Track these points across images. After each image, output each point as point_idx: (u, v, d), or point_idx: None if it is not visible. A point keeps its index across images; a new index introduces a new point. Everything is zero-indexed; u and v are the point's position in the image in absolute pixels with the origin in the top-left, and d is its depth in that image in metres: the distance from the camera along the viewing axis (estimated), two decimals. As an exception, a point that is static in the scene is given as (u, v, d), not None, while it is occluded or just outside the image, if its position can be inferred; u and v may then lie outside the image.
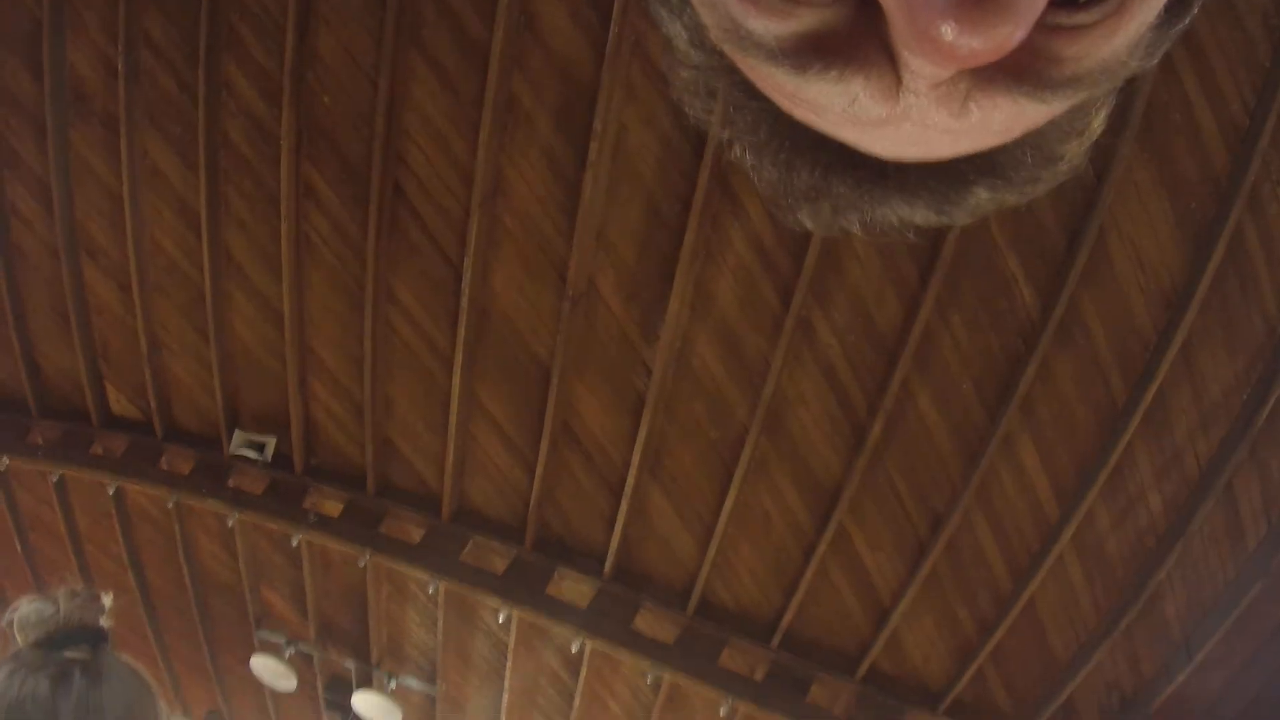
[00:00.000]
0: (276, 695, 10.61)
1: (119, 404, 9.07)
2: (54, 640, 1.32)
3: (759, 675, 8.06)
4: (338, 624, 9.91)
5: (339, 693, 10.12)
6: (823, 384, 6.53)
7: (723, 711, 8.07)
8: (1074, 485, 6.32)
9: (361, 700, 9.69)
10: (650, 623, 8.14)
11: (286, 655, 9.87)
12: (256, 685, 10.48)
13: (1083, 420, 6.10)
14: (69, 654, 1.32)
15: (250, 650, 9.97)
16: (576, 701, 9.21)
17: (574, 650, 8.31)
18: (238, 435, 8.49)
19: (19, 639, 1.33)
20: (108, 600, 1.47)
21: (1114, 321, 5.67)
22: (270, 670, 9.90)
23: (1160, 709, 7.32)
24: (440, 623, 9.21)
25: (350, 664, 9.99)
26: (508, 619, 8.49)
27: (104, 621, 1.44)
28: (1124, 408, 5.87)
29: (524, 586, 8.27)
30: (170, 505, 8.88)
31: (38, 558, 10.58)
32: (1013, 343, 5.92)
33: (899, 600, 7.32)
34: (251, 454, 8.47)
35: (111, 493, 9.09)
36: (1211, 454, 5.93)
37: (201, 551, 9.82)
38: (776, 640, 7.97)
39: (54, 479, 9.18)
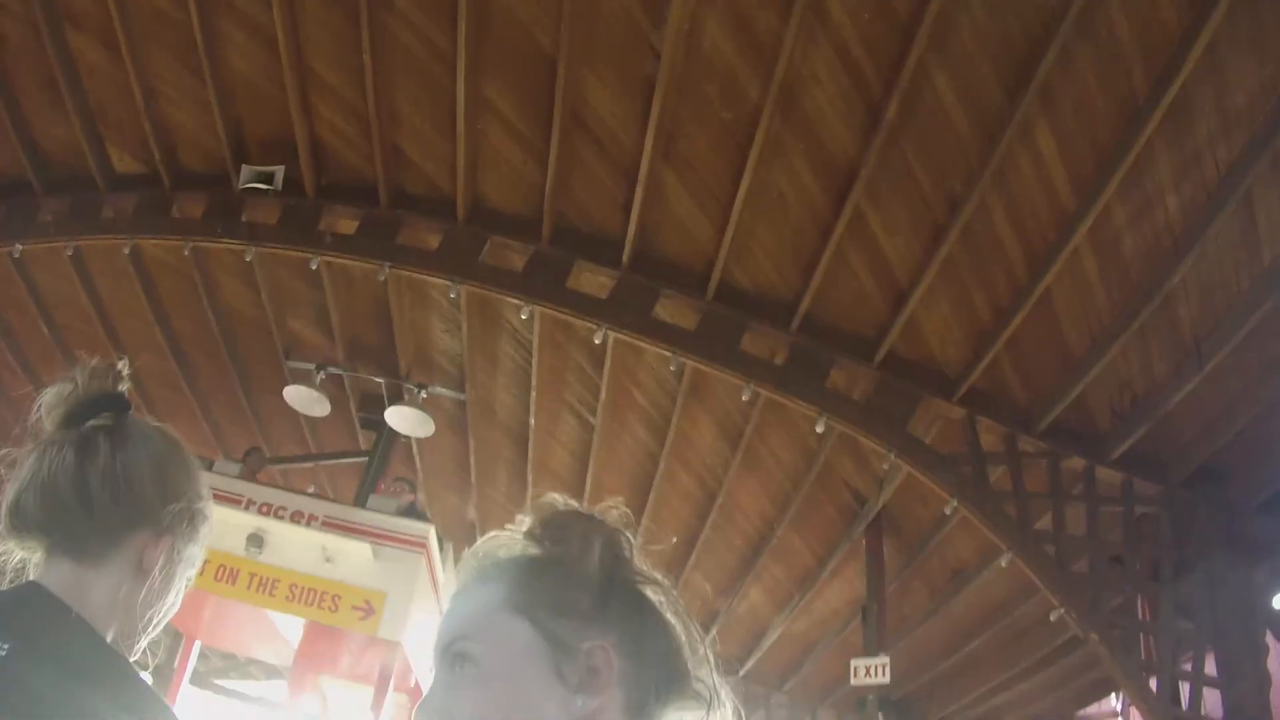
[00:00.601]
0: (312, 421, 11.04)
1: (123, 162, 8.98)
2: (76, 415, 1.29)
3: (780, 360, 8.32)
4: (364, 342, 10.22)
5: (372, 410, 10.54)
6: (836, 63, 6.36)
7: (745, 396, 8.43)
8: (1092, 177, 6.25)
9: (394, 414, 10.09)
10: (671, 310, 8.34)
11: (318, 380, 10.19)
12: (292, 415, 10.87)
13: (1102, 111, 5.97)
14: (92, 424, 1.28)
15: (282, 382, 10.29)
16: (603, 393, 9.64)
17: (597, 342, 8.58)
18: (245, 170, 8.44)
19: (47, 425, 1.31)
20: (125, 367, 1.38)
21: (1138, 13, 5.43)
22: (303, 398, 10.22)
23: (1170, 413, 7.58)
24: (464, 327, 9.51)
25: (380, 380, 10.37)
26: (530, 316, 8.75)
27: (124, 387, 1.36)
28: (1145, 102, 5.72)
29: (544, 282, 8.47)
30: (187, 252, 8.93)
31: (66, 335, 10.70)
32: (1033, 27, 5.71)
33: (916, 284, 7.40)
34: (262, 185, 8.45)
35: (127, 252, 9.12)
36: (1232, 161, 5.84)
37: (224, 292, 9.97)
38: (796, 324, 8.18)
39: (69, 252, 9.18)
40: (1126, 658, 7.63)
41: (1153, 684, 7.63)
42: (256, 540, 7.75)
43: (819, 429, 8.35)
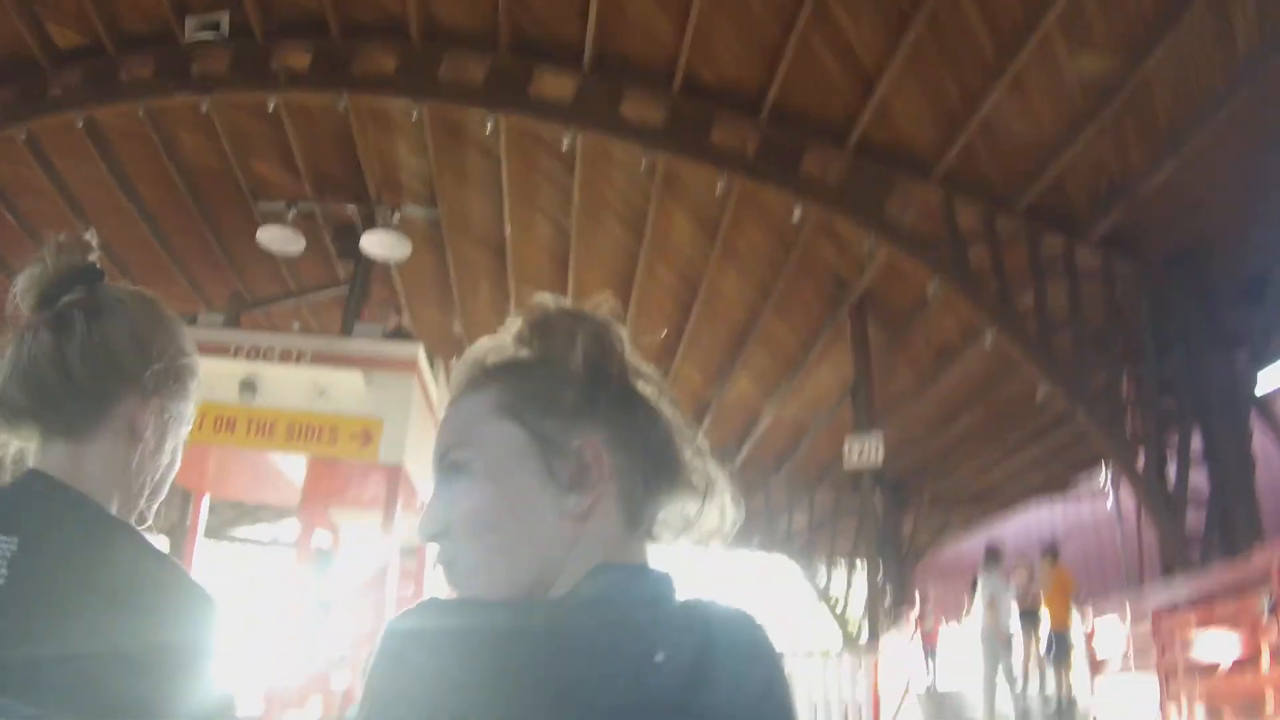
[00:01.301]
0: (290, 261, 10.99)
1: (64, 37, 8.68)
2: (48, 295, 1.25)
3: (750, 150, 8.26)
4: (331, 174, 10.09)
5: (347, 240, 10.45)
6: None
7: (719, 188, 8.42)
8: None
9: (370, 240, 10.02)
10: (637, 109, 8.23)
11: (289, 218, 10.09)
12: (269, 258, 10.83)
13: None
14: (65, 300, 1.24)
15: (254, 227, 10.18)
16: (575, 196, 9.58)
17: (565, 147, 8.49)
18: (190, 21, 8.21)
19: (23, 310, 1.25)
20: (93, 237, 1.31)
21: None
22: (277, 238, 10.14)
23: (1148, 196, 7.62)
24: (430, 147, 9.38)
25: (352, 208, 10.28)
26: (495, 127, 8.63)
27: (93, 258, 1.29)
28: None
29: (506, 91, 8.35)
30: (142, 114, 8.78)
31: (35, 219, 10.49)
32: None
33: (884, 70, 7.31)
34: (208, 35, 8.24)
35: (81, 125, 8.90)
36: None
37: (184, 148, 9.79)
38: (764, 113, 8.08)
39: (22, 137, 8.97)
40: (1113, 433, 7.87)
41: (1140, 461, 7.89)
42: (249, 386, 7.79)
43: (795, 217, 8.37)
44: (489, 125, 8.52)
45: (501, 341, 1.06)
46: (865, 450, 10.10)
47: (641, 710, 0.87)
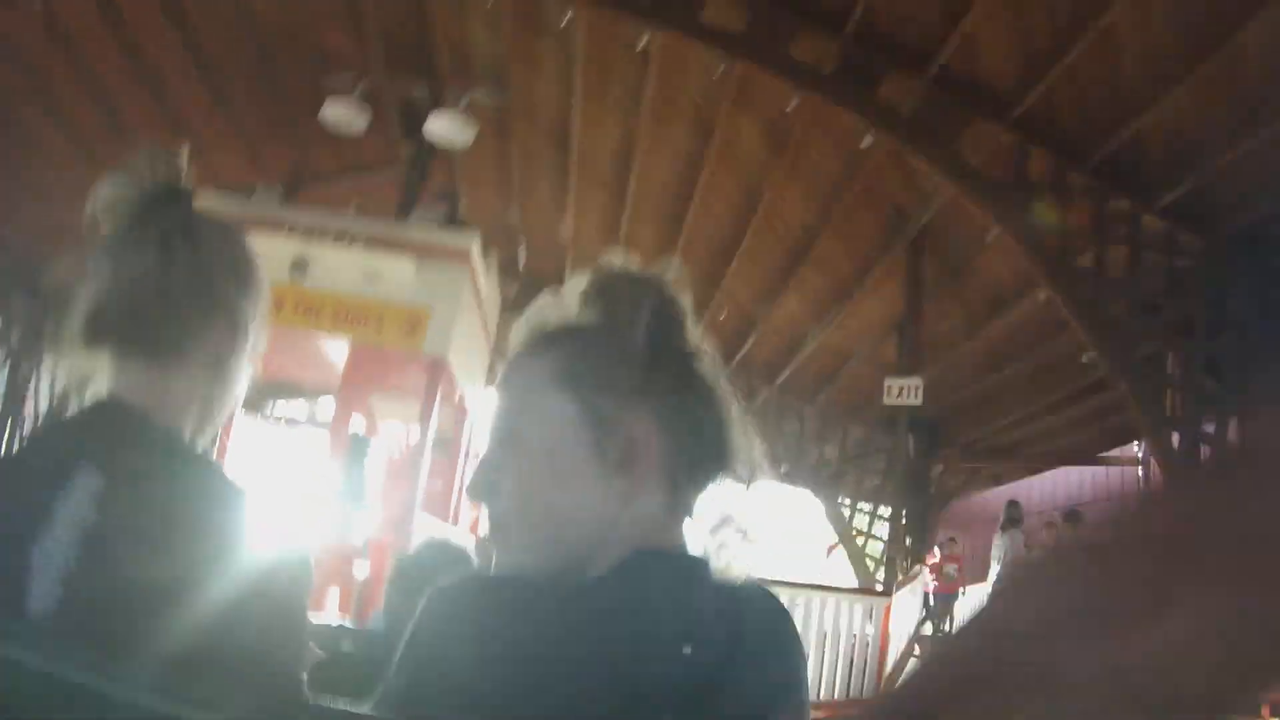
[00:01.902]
0: (352, 137, 10.73)
1: None
2: (145, 214, 1.20)
3: (829, 68, 8.06)
4: (402, 49, 9.91)
5: (412, 120, 10.28)
6: None
7: (792, 103, 8.27)
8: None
9: (435, 122, 9.83)
10: (718, 11, 8.00)
11: (355, 92, 9.91)
12: (331, 133, 10.57)
13: None
14: (164, 223, 1.20)
15: (319, 99, 9.99)
16: (646, 97, 9.43)
17: (641, 45, 8.32)
18: None
19: (107, 225, 1.21)
20: (184, 154, 1.26)
21: None
22: (342, 113, 9.96)
23: (1222, 169, 7.44)
24: (506, 30, 9.24)
25: (419, 89, 10.11)
26: (572, 19, 8.48)
27: (187, 180, 1.25)
28: None
29: (586, -19, 8.13)
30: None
31: (103, 74, 10.21)
32: None
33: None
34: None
35: None
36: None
37: (257, 7, 9.54)
38: (848, 29, 7.88)
39: None
40: (1152, 409, 7.77)
41: (1175, 439, 7.78)
42: (300, 266, 7.75)
43: (865, 144, 8.26)
44: (568, 15, 8.37)
45: (565, 302, 1.06)
46: (905, 390, 10.05)
47: (666, 701, 0.89)
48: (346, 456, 8.03)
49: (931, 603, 11.55)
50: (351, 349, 8.43)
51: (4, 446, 13.78)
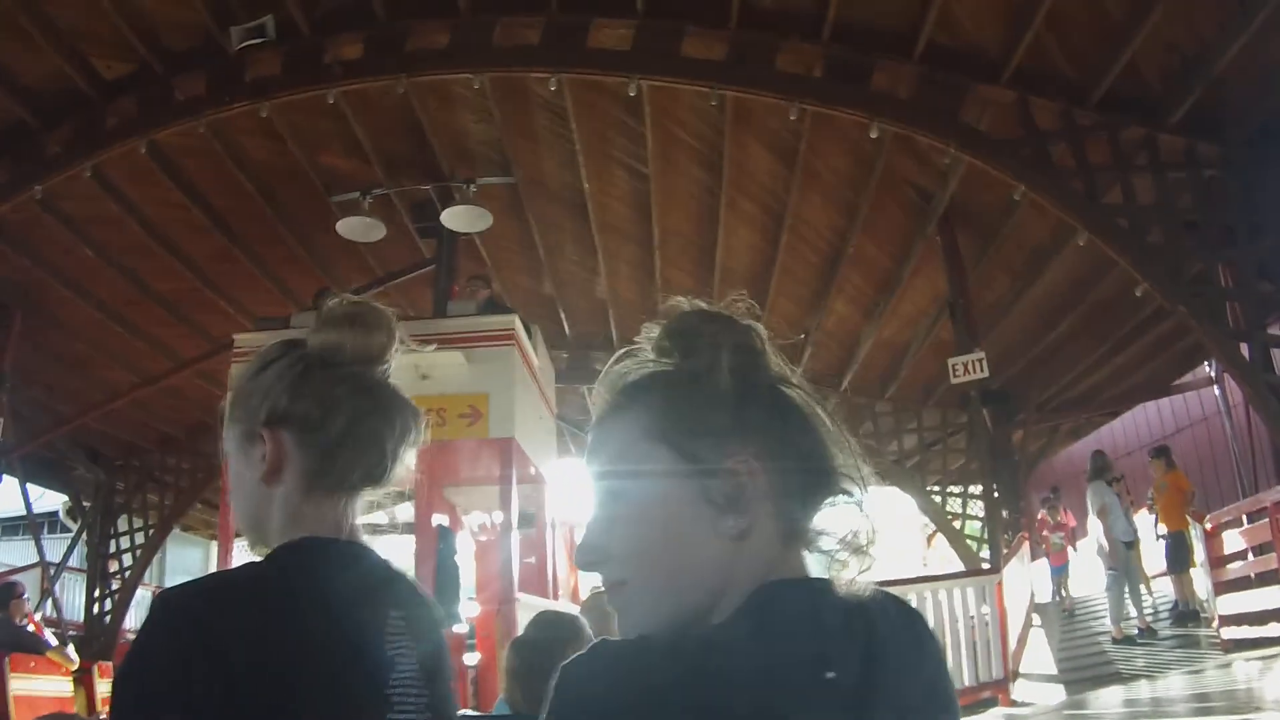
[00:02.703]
0: (373, 248, 11.05)
1: (110, 69, 8.74)
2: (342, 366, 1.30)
3: (818, 72, 8.16)
4: (401, 156, 10.12)
5: (427, 218, 10.52)
6: None
7: (793, 115, 8.29)
8: None
9: (450, 216, 10.04)
10: (698, 46, 8.17)
11: (366, 206, 10.11)
12: (352, 248, 10.93)
13: None
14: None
15: (332, 220, 10.26)
16: (648, 142, 9.51)
17: (631, 94, 8.42)
18: (235, 31, 8.21)
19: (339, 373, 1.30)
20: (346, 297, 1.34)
21: None
22: (357, 227, 10.21)
23: (1223, 73, 7.36)
24: (496, 114, 9.38)
25: (427, 187, 10.32)
26: (559, 85, 8.58)
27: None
28: None
29: (563, 48, 8.31)
30: (202, 130, 8.80)
31: (113, 248, 10.64)
32: None
33: None
34: (256, 40, 8.24)
35: (144, 149, 8.92)
36: None
37: (250, 154, 9.86)
38: (826, 33, 7.97)
39: (87, 174, 9.02)
40: (1214, 325, 7.64)
41: (1244, 350, 7.65)
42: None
43: (873, 134, 8.24)
44: (552, 84, 8.47)
45: (641, 353, 1.03)
46: (970, 366, 9.96)
47: None
48: (435, 552, 8.09)
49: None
50: (420, 450, 8.47)
51: (97, 606, 14.24)
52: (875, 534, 0.99)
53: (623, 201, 10.81)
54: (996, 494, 11.19)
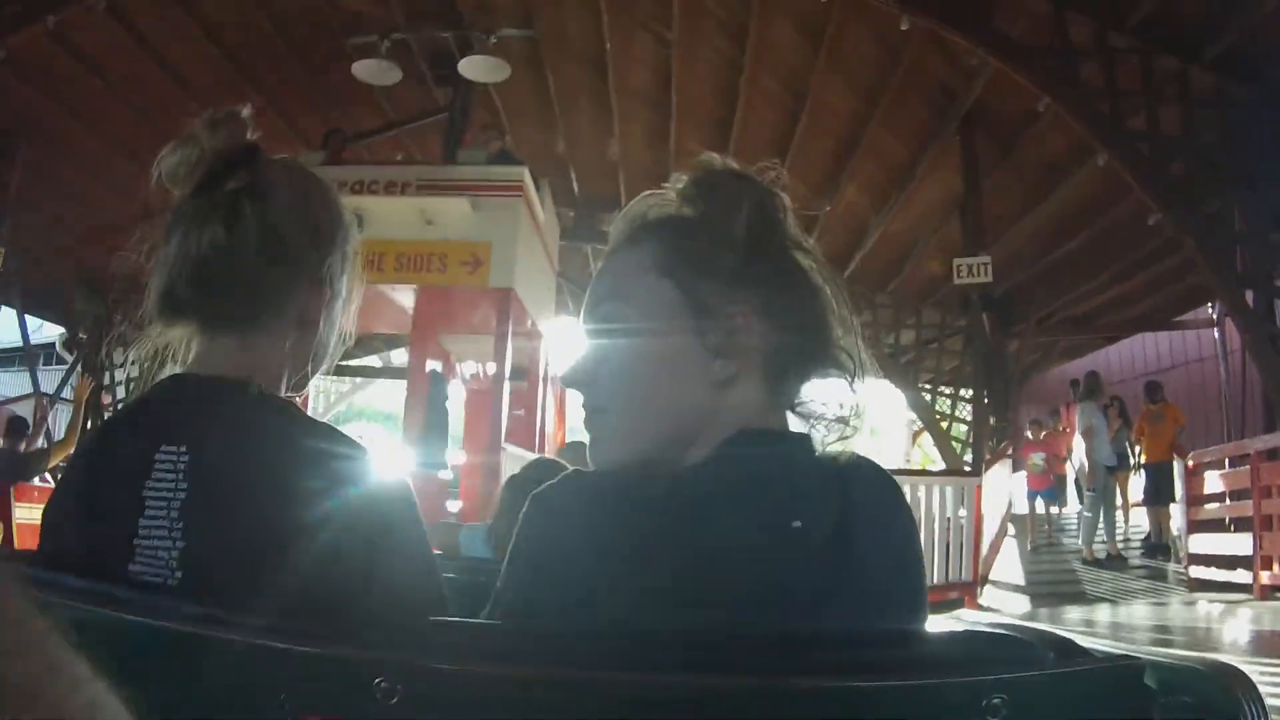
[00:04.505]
0: (387, 92, 10.87)
1: None
2: (209, 180, 1.14)
3: None
4: (422, 2, 9.90)
5: (444, 66, 10.31)
6: None
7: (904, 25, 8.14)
8: None
9: (467, 65, 9.84)
10: None
11: (383, 49, 9.93)
12: (366, 91, 10.74)
13: None
14: (230, 186, 1.13)
15: (348, 62, 10.06)
16: (675, 6, 9.30)
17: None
18: None
19: (175, 191, 1.15)
20: (246, 111, 1.20)
21: None
22: (373, 70, 10.02)
23: (1267, 14, 7.19)
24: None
25: (446, 34, 10.08)
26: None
27: (252, 134, 1.19)
28: None
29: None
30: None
31: (128, 83, 10.40)
32: None
33: None
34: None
35: None
36: None
37: None
38: None
39: (103, 6, 8.74)
40: (1222, 267, 7.61)
41: (1249, 296, 7.63)
42: (356, 220, 7.85)
43: (904, 26, 8.11)
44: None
45: (664, 197, 1.05)
46: (974, 269, 9.94)
47: (781, 577, 0.89)
48: (427, 397, 8.17)
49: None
50: (418, 293, 8.53)
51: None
52: (863, 411, 1.01)
53: (644, 65, 10.62)
54: (987, 399, 11.28)
